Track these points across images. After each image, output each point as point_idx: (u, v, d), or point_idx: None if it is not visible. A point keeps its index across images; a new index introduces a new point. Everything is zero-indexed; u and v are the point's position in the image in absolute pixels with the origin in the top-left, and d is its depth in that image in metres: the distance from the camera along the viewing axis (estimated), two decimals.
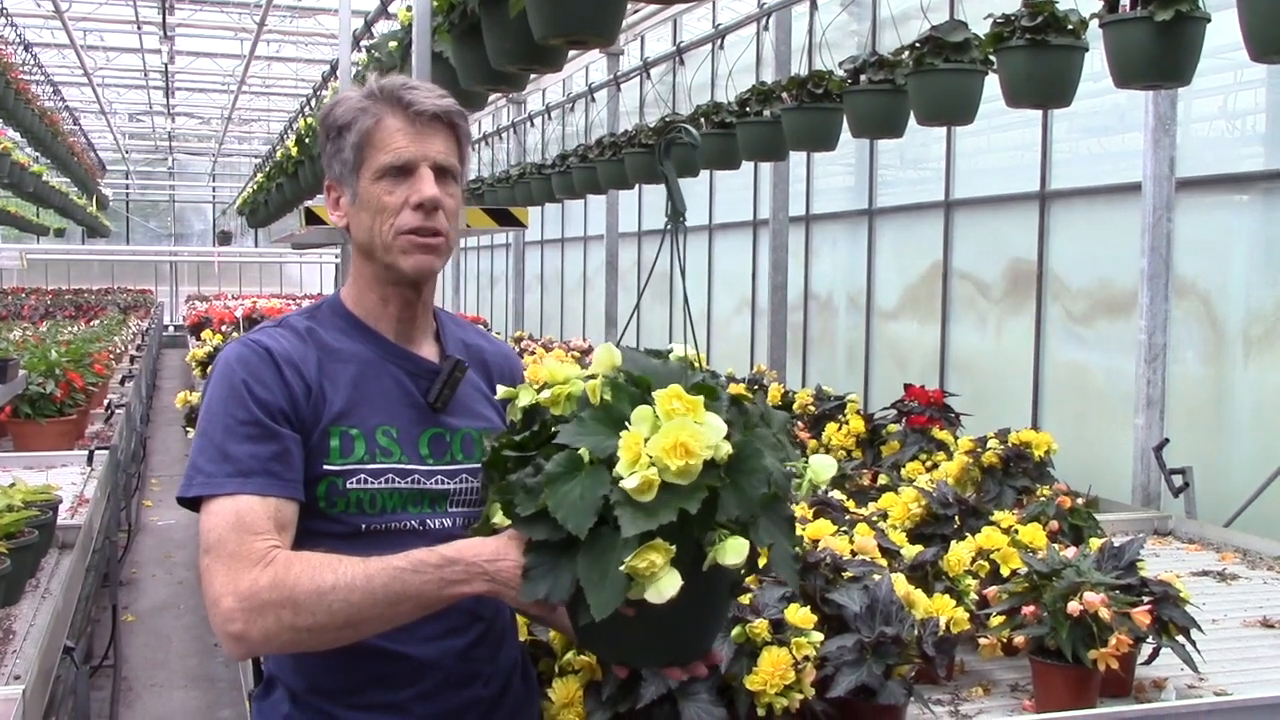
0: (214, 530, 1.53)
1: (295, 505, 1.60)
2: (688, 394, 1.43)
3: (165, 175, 32.59)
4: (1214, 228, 5.28)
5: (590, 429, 1.43)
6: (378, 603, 1.46)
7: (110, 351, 8.73)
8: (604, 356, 1.49)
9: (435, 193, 1.67)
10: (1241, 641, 2.90)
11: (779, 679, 2.01)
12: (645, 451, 1.35)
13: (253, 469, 1.57)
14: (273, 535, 1.54)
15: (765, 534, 1.43)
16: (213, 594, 1.50)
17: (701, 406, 1.39)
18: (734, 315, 9.81)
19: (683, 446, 1.34)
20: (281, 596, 1.46)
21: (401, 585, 1.46)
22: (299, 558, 1.51)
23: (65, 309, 18.05)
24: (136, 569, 7.48)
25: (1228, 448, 5.11)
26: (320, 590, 1.46)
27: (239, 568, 1.49)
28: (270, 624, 1.47)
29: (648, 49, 10.73)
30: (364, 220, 1.69)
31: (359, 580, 1.46)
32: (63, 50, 15.73)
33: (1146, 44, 3.23)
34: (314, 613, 1.46)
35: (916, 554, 2.73)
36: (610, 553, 1.36)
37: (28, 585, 3.12)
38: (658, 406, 1.39)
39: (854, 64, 4.59)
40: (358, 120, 1.68)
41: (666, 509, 1.34)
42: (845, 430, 4.88)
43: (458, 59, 4.09)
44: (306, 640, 1.49)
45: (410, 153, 1.67)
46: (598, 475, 1.39)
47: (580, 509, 1.37)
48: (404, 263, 1.69)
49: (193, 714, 5.16)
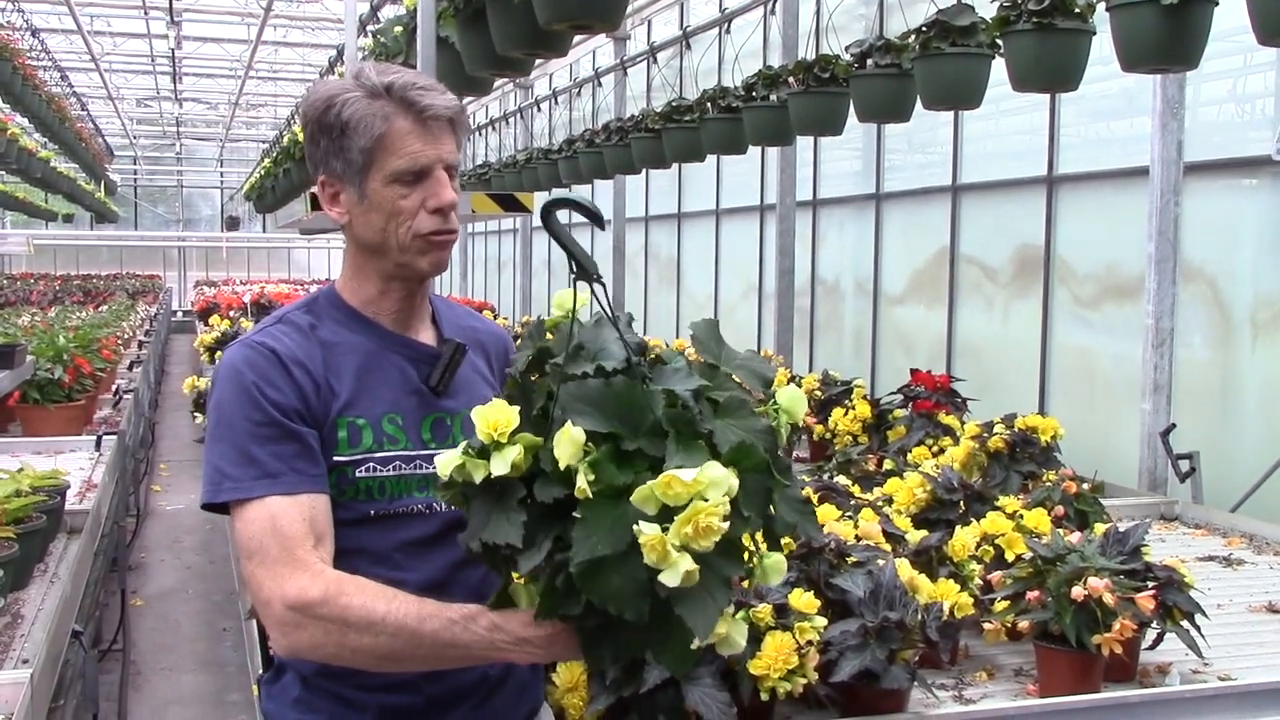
0: (254, 538, 1.56)
1: (326, 498, 1.62)
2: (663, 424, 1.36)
3: (173, 160, 32.60)
4: (1222, 212, 5.26)
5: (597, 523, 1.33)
6: (424, 645, 1.49)
7: (118, 337, 8.76)
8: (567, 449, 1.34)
9: (454, 196, 1.69)
10: (1247, 627, 2.91)
11: (782, 664, 2.02)
12: (669, 544, 1.28)
13: (279, 469, 1.59)
14: (310, 539, 1.56)
15: (785, 513, 1.41)
16: (263, 598, 1.54)
17: (702, 481, 1.30)
18: (741, 300, 9.80)
19: (705, 528, 1.28)
20: (334, 614, 1.49)
21: (451, 636, 1.48)
22: (351, 579, 1.53)
23: (73, 294, 18.06)
24: (145, 554, 7.51)
25: (1234, 433, 5.10)
26: (371, 619, 1.48)
27: (283, 573, 1.52)
28: (319, 636, 1.50)
29: (654, 33, 10.69)
30: (375, 221, 1.69)
31: (410, 620, 1.48)
32: (70, 35, 15.73)
33: (1154, 27, 3.22)
34: (361, 637, 1.49)
35: (921, 539, 2.74)
36: (668, 621, 1.32)
37: (36, 570, 3.14)
38: (657, 492, 1.30)
39: (860, 48, 4.57)
40: (367, 123, 1.65)
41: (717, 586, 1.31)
42: (851, 415, 4.88)
43: (463, 44, 4.10)
44: (349, 659, 1.53)
45: (426, 157, 1.66)
46: (630, 562, 1.31)
47: (629, 597, 1.31)
48: (421, 263, 1.70)
49: (202, 698, 5.19)
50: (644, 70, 10.40)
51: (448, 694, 1.70)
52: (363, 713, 1.68)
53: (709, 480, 1.30)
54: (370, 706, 1.68)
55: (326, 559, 1.57)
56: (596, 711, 1.99)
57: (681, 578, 1.28)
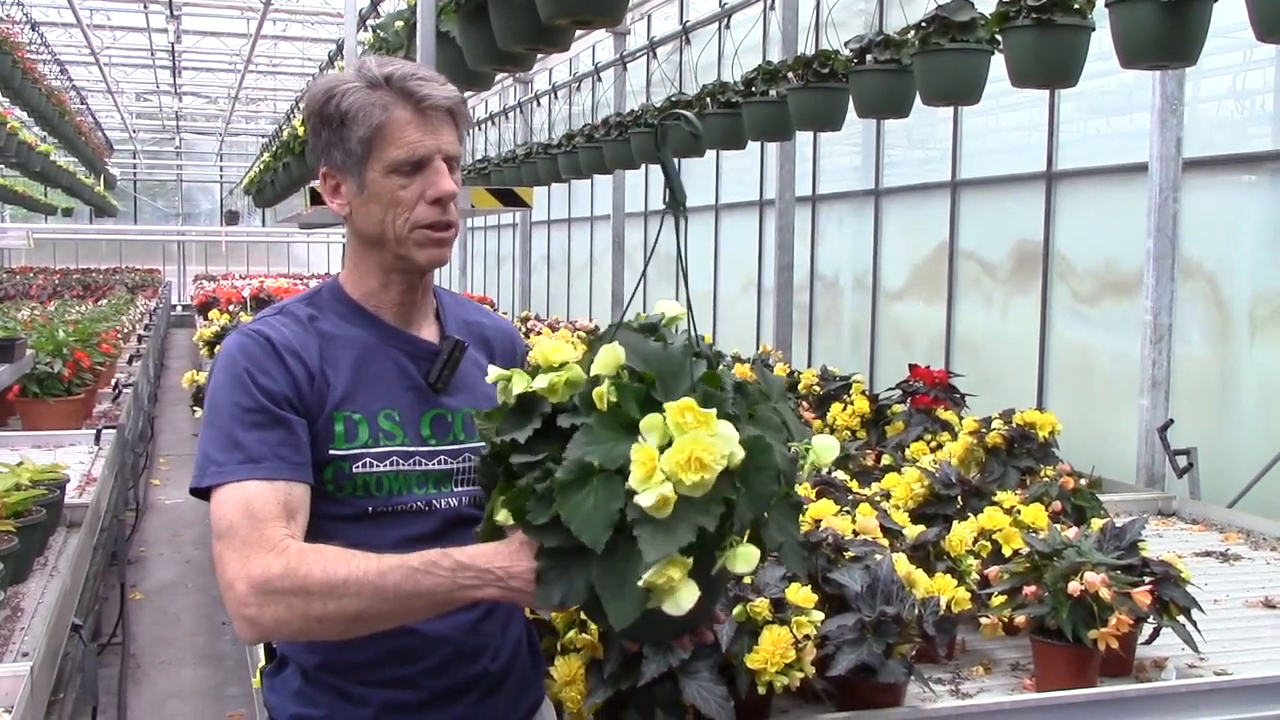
0: (225, 517, 1.55)
1: (305, 487, 1.62)
2: (695, 391, 1.41)
3: (172, 155, 32.60)
4: (1221, 208, 5.26)
5: (599, 436, 1.39)
6: (388, 599, 1.47)
7: (118, 331, 8.77)
8: (608, 358, 1.45)
9: (453, 187, 1.69)
10: (1243, 622, 2.91)
11: (779, 658, 2.03)
12: (659, 466, 1.33)
13: (262, 454, 1.58)
14: (282, 521, 1.55)
15: (776, 532, 1.43)
16: (226, 579, 1.52)
17: (714, 420, 1.36)
18: (740, 296, 9.80)
19: (697, 461, 1.32)
20: (294, 585, 1.48)
21: (413, 584, 1.47)
22: (312, 549, 1.52)
23: (73, 288, 18.05)
24: (145, 548, 7.52)
25: (1232, 429, 5.11)
26: (332, 582, 1.47)
27: (250, 553, 1.51)
28: (282, 611, 1.48)
29: (654, 28, 10.69)
30: (374, 212, 1.69)
31: (371, 575, 1.47)
32: (69, 29, 15.71)
33: (1153, 24, 3.22)
34: (325, 603, 1.47)
35: (919, 534, 2.74)
36: (626, 563, 1.34)
37: (35, 563, 3.14)
38: (669, 420, 1.36)
39: (860, 44, 4.57)
40: (366, 113, 1.66)
41: (685, 527, 1.32)
42: (850, 410, 4.89)
43: (464, 39, 4.10)
44: (317, 630, 1.51)
45: (425, 147, 1.67)
46: (610, 485, 1.36)
47: (595, 521, 1.35)
48: (419, 255, 1.70)
49: (201, 692, 5.20)
50: (644, 65, 10.39)
51: (449, 690, 1.70)
52: (363, 707, 1.68)
53: (718, 427, 1.35)
54: (371, 701, 1.68)
55: (297, 537, 1.56)
56: (594, 705, 2.00)
57: (656, 500, 1.31)
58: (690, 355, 1.48)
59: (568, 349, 1.48)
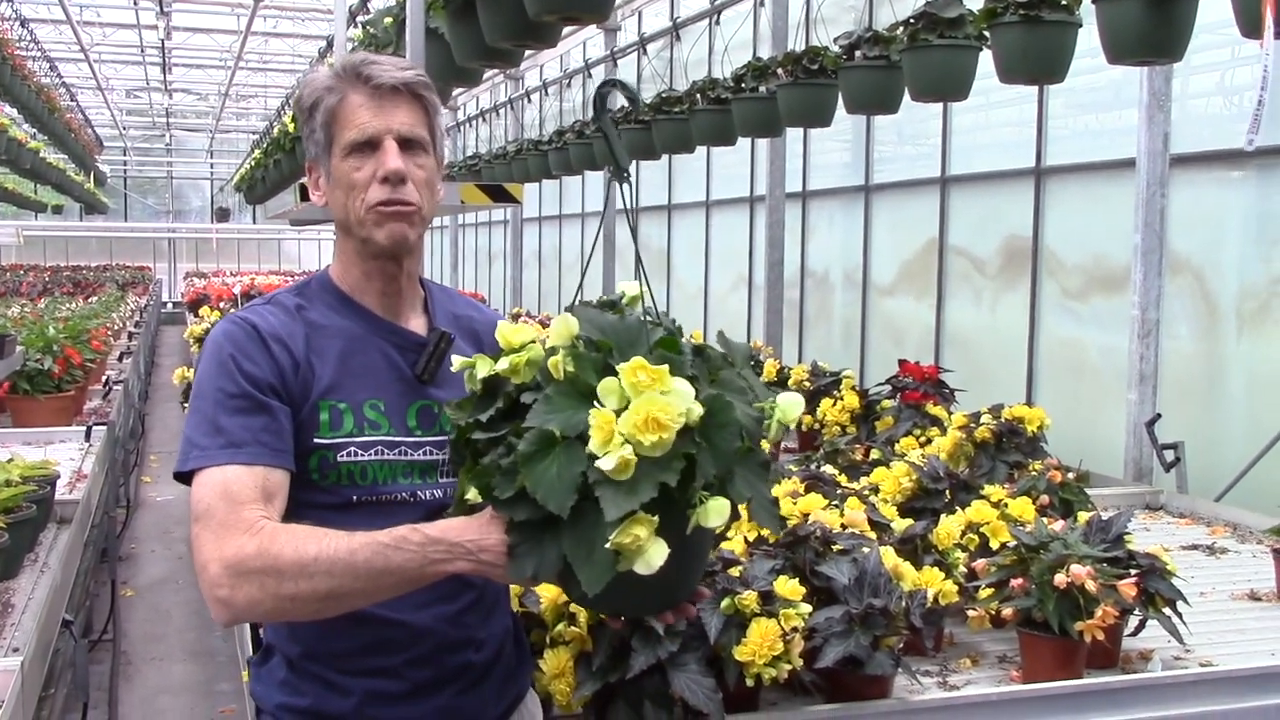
0: (203, 500, 1.57)
1: (285, 473, 1.63)
2: (650, 355, 1.43)
3: (163, 152, 32.53)
4: (1208, 204, 5.28)
5: (558, 405, 1.42)
6: (359, 576, 1.48)
7: (108, 328, 8.75)
8: (561, 328, 1.48)
9: (399, 165, 1.69)
10: (1229, 614, 2.93)
11: (767, 650, 2.04)
12: (617, 429, 1.35)
13: (244, 440, 1.60)
14: (259, 504, 1.56)
15: (743, 487, 1.44)
16: (201, 560, 1.53)
17: (667, 376, 1.39)
18: (730, 292, 9.81)
19: (654, 421, 1.34)
20: (266, 565, 1.49)
21: (384, 560, 1.48)
22: (285, 529, 1.53)
23: (63, 285, 18.03)
24: (136, 544, 7.52)
25: (1220, 423, 5.13)
26: (303, 561, 1.48)
27: (226, 535, 1.52)
28: (254, 591, 1.49)
29: (645, 24, 10.69)
30: (339, 197, 1.72)
31: (341, 553, 1.48)
32: (59, 26, 15.67)
33: (1138, 20, 3.24)
34: (297, 582, 1.48)
35: (906, 528, 2.76)
36: (594, 528, 1.36)
37: (26, 559, 3.15)
38: (623, 380, 1.39)
39: (848, 40, 4.59)
40: (323, 99, 1.71)
41: (646, 484, 1.34)
42: (840, 406, 4.90)
43: (453, 35, 4.10)
44: (290, 609, 1.52)
45: (373, 127, 1.69)
46: (572, 451, 1.38)
47: (559, 488, 1.37)
48: (377, 234, 1.71)
49: (191, 687, 5.20)
50: (634, 61, 10.39)
51: (432, 679, 1.71)
52: (347, 697, 1.69)
53: (674, 384, 1.37)
54: (355, 691, 1.69)
55: (273, 519, 1.57)
56: (583, 697, 2.01)
57: (616, 463, 1.33)
58: (645, 323, 1.51)
59: (529, 330, 1.50)
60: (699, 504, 1.39)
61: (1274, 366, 4.89)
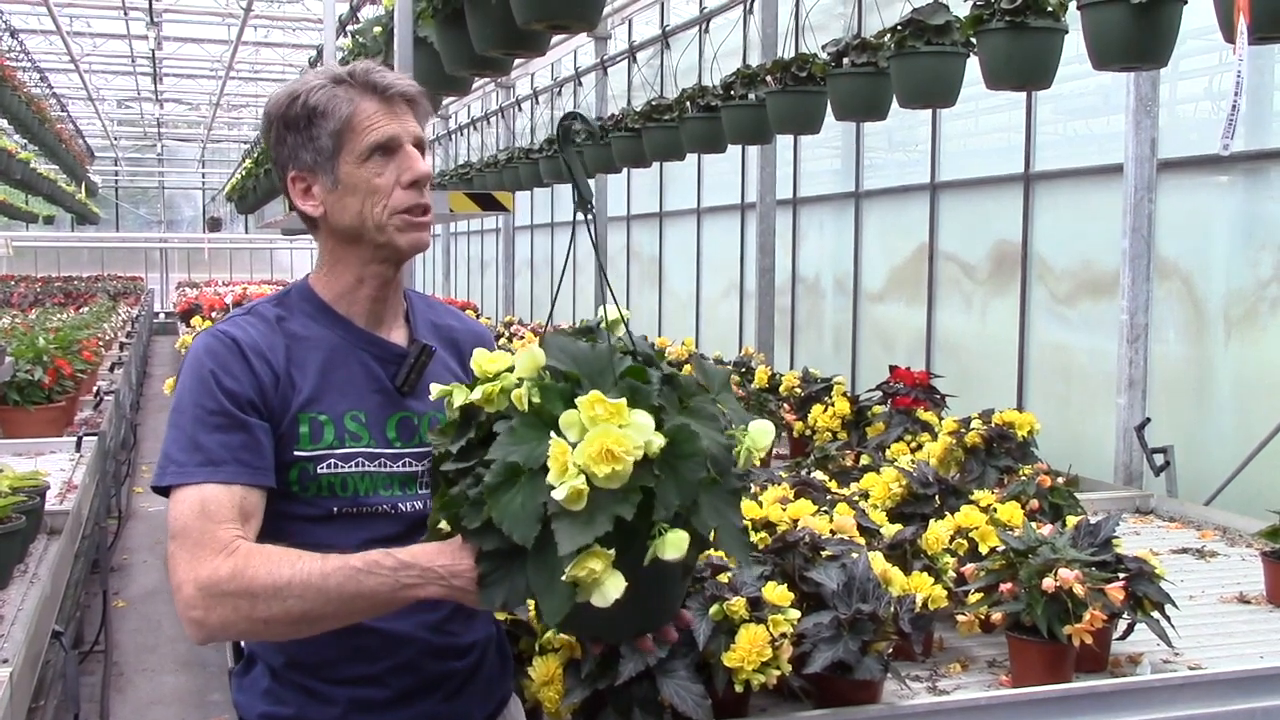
0: (180, 518, 1.57)
1: (261, 492, 1.63)
2: (616, 386, 1.44)
3: (154, 162, 32.50)
4: (1196, 208, 5.30)
5: (522, 436, 1.42)
6: (331, 600, 1.49)
7: (99, 338, 8.74)
8: (527, 360, 1.47)
9: (428, 168, 1.72)
10: (1218, 617, 2.94)
11: (756, 656, 2.04)
12: (571, 461, 1.35)
13: (222, 458, 1.60)
14: (235, 524, 1.56)
15: (709, 517, 1.43)
16: (176, 580, 1.54)
17: (624, 410, 1.38)
18: (722, 299, 9.83)
19: (608, 453, 1.34)
20: (239, 588, 1.50)
21: (356, 585, 1.48)
22: (260, 550, 1.54)
23: (54, 296, 17.96)
24: (127, 555, 7.50)
25: (1208, 427, 5.15)
26: (276, 584, 1.49)
27: (201, 555, 1.52)
28: (228, 613, 1.50)
29: (635, 33, 10.71)
30: (350, 204, 1.71)
31: (314, 578, 1.49)
32: (49, 36, 15.67)
33: (1124, 26, 3.26)
34: (270, 605, 1.49)
35: (896, 533, 2.76)
36: (556, 559, 1.36)
37: (16, 570, 3.14)
38: (581, 414, 1.38)
39: (837, 47, 4.60)
40: (333, 106, 1.69)
41: (603, 517, 1.34)
42: (831, 412, 4.90)
43: (441, 44, 4.11)
44: (264, 631, 1.53)
45: (394, 129, 1.70)
46: (536, 483, 1.38)
47: (523, 519, 1.37)
48: (401, 240, 1.72)
49: (183, 698, 5.19)
50: (624, 69, 10.41)
51: (415, 687, 1.71)
52: (330, 705, 1.69)
53: (631, 417, 1.37)
54: (338, 699, 1.69)
55: (248, 538, 1.57)
56: (572, 705, 2.01)
57: (568, 493, 1.33)
58: (614, 352, 1.51)
59: (504, 358, 1.50)
60: (658, 536, 1.39)
61: (1262, 370, 4.91)
